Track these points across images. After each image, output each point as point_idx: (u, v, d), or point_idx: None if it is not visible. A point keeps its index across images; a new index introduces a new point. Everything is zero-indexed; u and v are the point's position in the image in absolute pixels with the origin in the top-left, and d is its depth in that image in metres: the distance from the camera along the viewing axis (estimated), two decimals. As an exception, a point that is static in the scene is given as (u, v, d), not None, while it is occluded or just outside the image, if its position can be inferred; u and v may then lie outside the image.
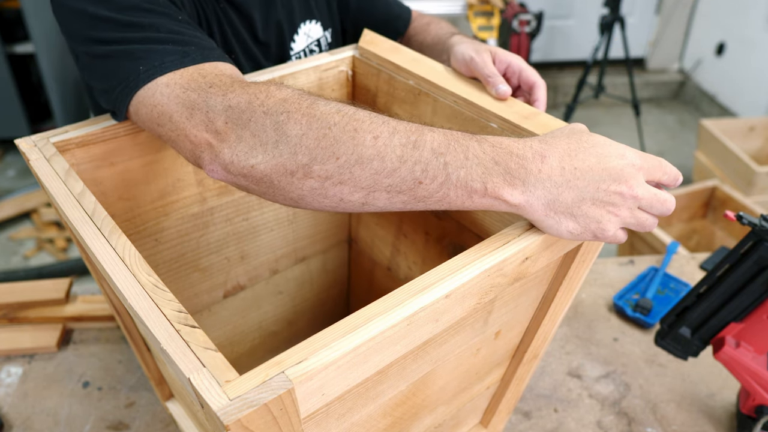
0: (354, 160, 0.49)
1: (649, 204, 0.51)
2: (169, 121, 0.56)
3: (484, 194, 0.49)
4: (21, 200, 2.60)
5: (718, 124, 2.53)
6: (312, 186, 0.50)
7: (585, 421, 0.90)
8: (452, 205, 0.51)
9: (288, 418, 0.40)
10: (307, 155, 0.49)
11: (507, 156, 0.50)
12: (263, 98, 0.52)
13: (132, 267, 0.48)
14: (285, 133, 0.50)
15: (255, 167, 0.51)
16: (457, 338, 0.57)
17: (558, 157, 0.50)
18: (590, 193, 0.50)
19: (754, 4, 3.10)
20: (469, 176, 0.49)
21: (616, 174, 0.50)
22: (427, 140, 0.49)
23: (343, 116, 0.50)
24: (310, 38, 0.89)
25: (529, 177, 0.49)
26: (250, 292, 0.90)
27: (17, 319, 1.01)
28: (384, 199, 0.50)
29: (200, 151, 0.54)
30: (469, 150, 0.49)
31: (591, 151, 0.51)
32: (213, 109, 0.53)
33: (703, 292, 0.78)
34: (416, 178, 0.49)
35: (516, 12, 2.85)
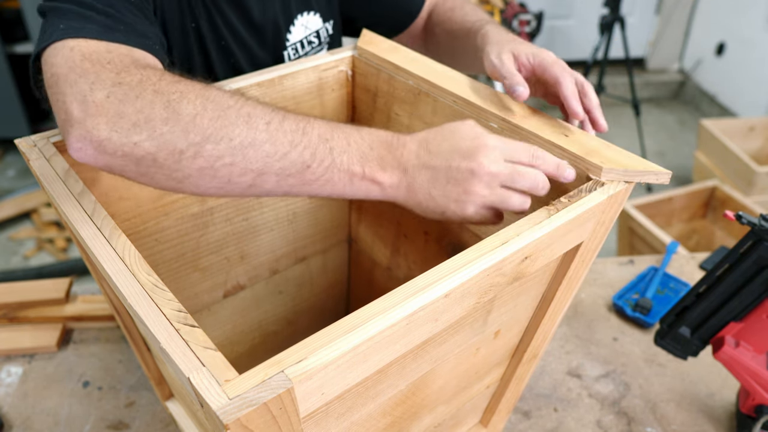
0: (248, 142, 0.50)
1: (510, 179, 0.54)
2: (56, 84, 0.52)
3: (362, 177, 0.54)
4: (21, 200, 2.60)
5: (718, 124, 2.53)
6: (201, 166, 0.50)
7: (585, 421, 0.90)
8: (335, 189, 0.54)
9: (287, 418, 0.40)
10: (200, 134, 0.49)
11: (379, 144, 0.55)
12: (155, 80, 0.51)
13: (132, 267, 0.48)
14: (176, 111, 0.49)
15: (138, 144, 0.48)
16: (456, 338, 0.57)
17: (417, 143, 0.55)
18: (443, 172, 0.54)
19: (754, 4, 3.10)
20: (351, 161, 0.53)
21: (467, 152, 0.54)
22: (315, 127, 0.53)
23: (237, 101, 0.52)
24: (308, 30, 0.88)
25: (394, 162, 0.54)
26: (250, 292, 0.90)
27: (17, 318, 1.01)
28: (273, 182, 0.52)
29: (69, 126, 0.49)
30: (351, 137, 0.54)
31: (447, 135, 0.55)
32: (100, 81, 0.50)
33: (703, 292, 0.78)
34: (305, 161, 0.51)
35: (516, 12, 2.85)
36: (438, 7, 0.96)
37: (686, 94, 3.70)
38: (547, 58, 0.68)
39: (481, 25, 0.82)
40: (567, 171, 0.58)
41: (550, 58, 0.68)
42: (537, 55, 0.68)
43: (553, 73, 0.66)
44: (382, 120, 0.84)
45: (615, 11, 2.78)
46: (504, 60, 0.69)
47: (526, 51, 0.69)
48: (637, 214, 1.90)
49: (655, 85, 3.70)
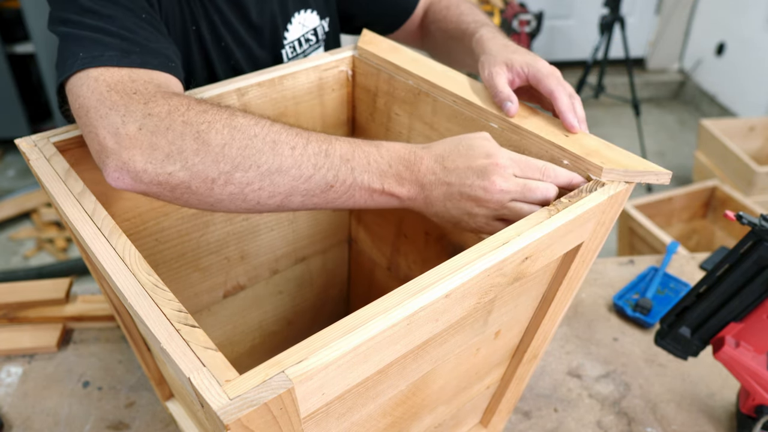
0: (275, 168, 0.53)
1: (521, 194, 0.57)
2: (86, 116, 0.55)
3: (381, 193, 0.58)
4: (21, 200, 2.60)
5: (718, 124, 2.53)
6: (232, 192, 0.53)
7: (585, 421, 0.90)
8: (356, 204, 0.58)
9: (288, 418, 0.40)
10: (229, 163, 0.52)
11: (398, 161, 0.58)
12: (183, 110, 0.53)
13: (132, 267, 0.48)
14: (206, 142, 0.52)
15: (173, 174, 0.52)
16: (456, 338, 0.57)
17: (433, 159, 0.58)
18: (457, 188, 0.57)
19: (754, 4, 3.10)
20: (371, 179, 0.57)
21: (480, 171, 0.57)
22: (337, 148, 0.56)
23: (263, 128, 0.54)
24: (306, 27, 0.89)
25: (411, 177, 0.58)
26: (250, 292, 0.90)
27: (17, 318, 1.01)
28: (298, 202, 0.56)
29: (105, 156, 0.53)
30: (370, 156, 0.57)
31: (462, 151, 0.58)
32: (130, 114, 0.53)
33: (703, 292, 0.78)
34: (328, 182, 0.55)
35: (516, 12, 2.85)
36: (434, 5, 0.96)
37: (686, 94, 3.70)
38: (542, 69, 0.68)
39: (476, 27, 0.82)
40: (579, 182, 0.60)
41: (545, 70, 0.68)
42: (531, 65, 0.69)
43: (548, 87, 0.67)
44: (382, 120, 0.84)
45: (615, 11, 2.78)
46: (494, 74, 0.69)
47: (521, 61, 0.69)
48: (637, 214, 1.90)
49: (655, 85, 3.70)
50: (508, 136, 0.67)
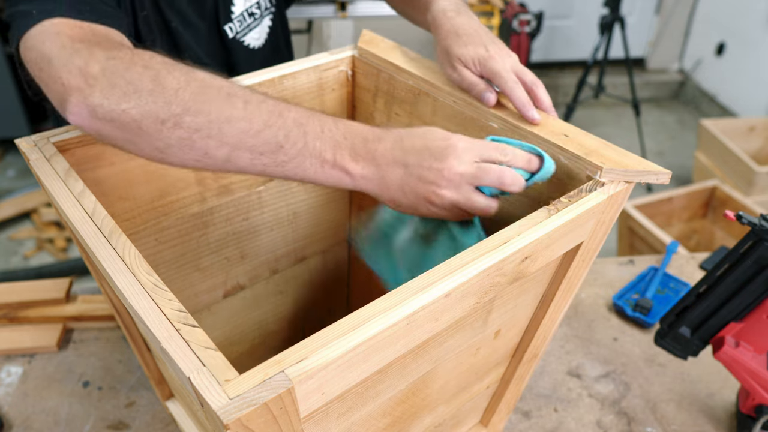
0: (224, 117, 0.53)
1: (475, 177, 0.56)
2: (48, 64, 0.56)
3: (333, 165, 0.56)
4: (21, 200, 2.60)
5: (718, 124, 2.53)
6: (180, 136, 0.53)
7: (585, 421, 0.90)
8: (306, 173, 0.56)
9: (288, 417, 0.40)
10: (180, 106, 0.53)
11: (354, 135, 0.56)
12: (147, 58, 0.55)
13: (132, 266, 0.48)
14: (162, 84, 0.53)
15: (126, 111, 0.52)
16: (456, 337, 0.57)
17: (392, 140, 0.57)
18: (415, 170, 0.56)
19: (754, 4, 3.10)
20: (323, 147, 0.55)
21: (438, 153, 0.56)
22: (292, 111, 0.55)
23: (219, 82, 0.55)
24: (249, 1, 0.89)
25: (367, 155, 0.56)
26: (250, 292, 0.90)
27: (17, 318, 1.01)
28: (246, 158, 0.54)
29: (68, 94, 0.54)
30: (325, 125, 0.56)
31: (420, 135, 0.58)
32: (93, 56, 0.54)
33: (703, 292, 0.78)
34: (278, 142, 0.54)
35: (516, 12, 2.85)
36: None
37: (686, 94, 3.70)
38: (493, 66, 0.67)
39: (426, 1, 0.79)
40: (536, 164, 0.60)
41: (495, 67, 0.67)
42: (483, 64, 0.68)
43: (500, 86, 0.67)
44: (382, 120, 0.84)
45: (615, 11, 2.78)
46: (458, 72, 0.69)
47: (472, 57, 0.69)
48: (637, 214, 1.90)
49: (655, 85, 3.70)
50: (508, 136, 0.67)
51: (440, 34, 0.73)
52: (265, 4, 0.92)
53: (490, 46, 0.69)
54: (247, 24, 0.90)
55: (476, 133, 0.71)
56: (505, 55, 0.69)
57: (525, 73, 0.68)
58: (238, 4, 0.88)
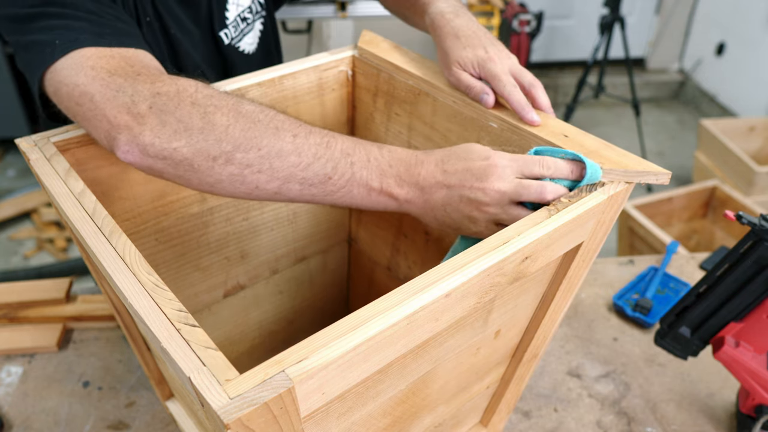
0: (275, 152, 0.54)
1: (516, 194, 0.57)
2: (90, 101, 0.56)
3: (380, 192, 0.58)
4: (21, 200, 2.60)
5: (718, 124, 2.53)
6: (231, 172, 0.54)
7: (585, 421, 0.90)
8: (354, 201, 0.58)
9: (288, 417, 0.40)
10: (231, 143, 0.54)
11: (398, 162, 0.59)
12: (192, 91, 0.55)
13: (132, 266, 0.48)
14: (211, 122, 0.54)
15: (177, 150, 0.53)
16: (456, 337, 0.57)
17: (434, 163, 0.59)
18: (457, 191, 0.58)
19: (754, 4, 3.10)
20: (370, 176, 0.58)
21: (479, 173, 0.57)
22: (339, 142, 0.57)
23: (266, 115, 0.56)
24: (240, 6, 0.90)
25: (411, 180, 0.59)
26: (250, 292, 0.90)
27: (17, 318, 1.01)
28: (296, 190, 0.56)
29: (117, 132, 0.54)
30: (371, 154, 0.58)
31: (461, 157, 0.59)
32: (139, 93, 0.54)
33: (703, 292, 0.78)
34: (327, 173, 0.56)
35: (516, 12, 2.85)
36: None
37: (686, 94, 3.70)
38: (491, 69, 0.68)
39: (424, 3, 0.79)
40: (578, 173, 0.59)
41: (494, 69, 0.67)
42: (482, 66, 0.68)
43: (498, 89, 0.67)
44: (382, 120, 0.84)
45: (615, 11, 2.78)
46: (456, 75, 0.70)
47: (471, 59, 0.69)
48: (637, 214, 1.90)
49: (655, 85, 3.70)
50: (508, 136, 0.67)
51: (439, 37, 0.73)
52: (255, 8, 0.92)
53: (489, 47, 0.69)
54: (241, 29, 0.90)
55: (476, 133, 0.71)
56: (504, 57, 0.69)
57: (524, 74, 0.68)
58: (231, 10, 0.88)
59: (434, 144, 0.78)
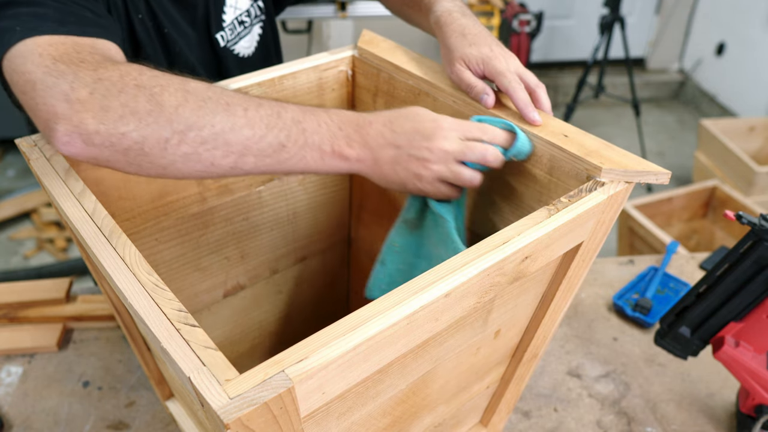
0: (228, 127, 0.54)
1: (462, 153, 0.61)
2: (32, 90, 0.53)
3: (332, 154, 0.59)
4: (21, 200, 2.60)
5: (718, 124, 2.53)
6: (186, 152, 0.53)
7: (585, 421, 0.90)
8: (307, 166, 0.58)
9: (288, 417, 0.40)
10: (183, 123, 0.53)
11: (347, 123, 0.60)
12: (136, 74, 0.54)
13: (132, 266, 0.48)
14: (160, 103, 0.52)
15: (126, 135, 0.51)
16: (456, 337, 0.57)
17: (381, 123, 0.61)
18: (406, 150, 0.60)
19: (754, 4, 3.10)
20: (322, 140, 0.58)
21: (427, 133, 0.60)
22: (288, 110, 0.58)
23: (215, 92, 0.55)
24: (238, 10, 0.90)
25: (361, 140, 0.60)
26: (250, 292, 0.90)
27: (17, 318, 1.01)
28: (251, 163, 0.56)
29: (54, 122, 0.52)
30: (321, 118, 0.59)
31: (409, 117, 0.61)
32: (80, 80, 0.52)
33: (703, 292, 0.78)
34: (281, 142, 0.56)
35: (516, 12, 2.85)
36: None
37: (686, 94, 3.70)
38: (496, 66, 0.68)
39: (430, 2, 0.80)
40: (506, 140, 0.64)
41: (499, 66, 0.68)
42: (486, 63, 0.69)
43: (502, 84, 0.68)
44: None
45: (615, 11, 2.78)
46: (458, 72, 0.70)
47: (476, 56, 0.69)
48: (637, 214, 1.90)
49: (655, 85, 3.70)
50: (508, 136, 0.67)
51: (445, 34, 0.74)
52: (254, 12, 0.92)
53: (495, 47, 0.70)
54: (238, 32, 0.90)
55: (476, 133, 0.71)
56: (508, 57, 0.70)
57: (528, 75, 0.69)
58: (228, 13, 0.88)
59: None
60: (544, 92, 0.68)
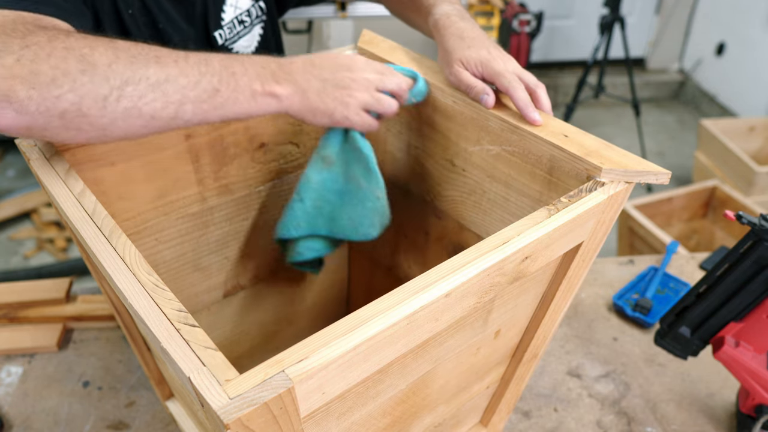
0: (163, 78, 0.55)
1: (381, 82, 0.66)
2: None
3: (262, 93, 0.61)
4: (21, 200, 2.60)
5: (718, 124, 2.53)
6: (126, 107, 0.53)
7: (585, 421, 0.90)
8: (241, 108, 0.60)
9: (288, 417, 0.40)
10: (119, 79, 0.53)
11: (269, 63, 0.63)
12: (63, 38, 0.53)
13: (132, 266, 0.48)
14: (92, 63, 0.52)
15: (61, 97, 0.50)
16: (456, 337, 0.57)
17: (302, 61, 0.65)
18: (331, 81, 0.64)
19: (754, 4, 3.10)
20: (251, 81, 0.60)
21: (347, 65, 0.66)
22: (214, 58, 0.59)
23: (143, 48, 0.56)
24: (239, 9, 0.90)
25: (287, 76, 0.63)
26: (250, 292, 0.90)
27: (17, 318, 1.01)
28: (190, 111, 0.57)
29: None
30: (245, 62, 0.61)
31: (326, 56, 0.66)
32: (7, 49, 0.50)
33: (703, 292, 0.78)
34: (214, 86, 0.58)
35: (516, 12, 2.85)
36: None
37: (686, 94, 3.70)
38: (495, 67, 0.69)
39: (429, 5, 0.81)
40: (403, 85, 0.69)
41: (498, 68, 0.69)
42: (485, 65, 0.69)
43: (502, 85, 0.68)
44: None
45: (615, 11, 2.78)
46: (456, 74, 0.71)
47: (475, 59, 0.70)
48: (637, 214, 1.90)
49: (655, 85, 3.70)
50: (508, 136, 0.67)
51: (443, 36, 0.74)
52: (256, 12, 0.92)
53: (492, 50, 0.71)
54: (237, 32, 0.90)
55: (476, 133, 0.71)
56: (506, 59, 0.71)
57: (527, 75, 0.69)
58: (228, 11, 0.88)
59: (434, 143, 0.78)
60: (544, 92, 0.69)
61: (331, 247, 0.81)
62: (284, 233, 0.77)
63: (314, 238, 0.79)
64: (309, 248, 0.79)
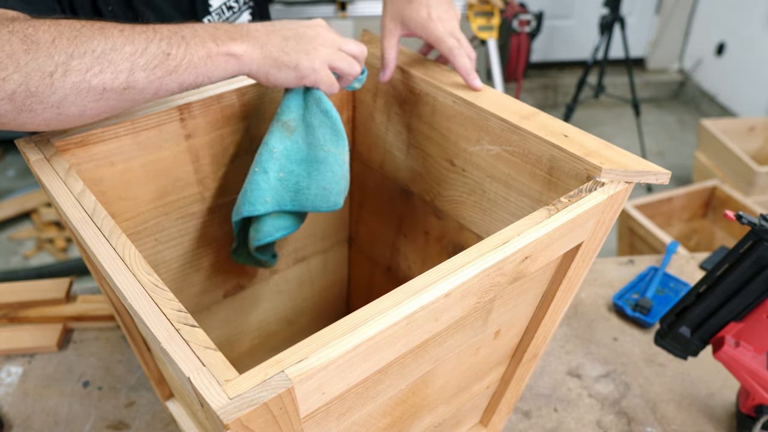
0: (109, 48, 0.54)
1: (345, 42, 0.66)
2: None
3: (218, 53, 0.59)
4: (21, 200, 2.60)
5: (718, 124, 2.53)
6: (74, 81, 0.52)
7: (585, 421, 0.90)
8: (197, 70, 0.58)
9: (288, 417, 0.40)
10: (63, 54, 0.52)
11: (221, 25, 0.61)
12: (7, 23, 0.53)
13: (132, 266, 0.48)
14: (35, 41, 0.51)
15: (7, 79, 0.50)
16: (456, 337, 0.57)
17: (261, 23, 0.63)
18: (293, 34, 0.63)
19: (754, 4, 3.10)
20: (204, 41, 0.58)
21: (308, 24, 0.65)
22: (162, 26, 0.58)
23: (86, 22, 0.55)
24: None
25: (245, 35, 0.61)
26: (250, 292, 0.90)
27: (17, 318, 1.01)
28: (143, 78, 0.55)
29: None
30: (195, 26, 0.59)
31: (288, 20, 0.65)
32: None
33: (703, 292, 0.78)
34: (164, 50, 0.56)
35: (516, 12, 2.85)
36: None
37: (686, 94, 3.70)
38: (434, 32, 0.71)
39: None
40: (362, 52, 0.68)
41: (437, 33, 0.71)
42: (425, 29, 0.71)
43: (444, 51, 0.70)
44: (382, 120, 0.84)
45: (615, 11, 2.78)
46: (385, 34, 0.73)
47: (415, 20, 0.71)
48: (637, 214, 1.90)
49: (655, 85, 3.70)
50: (508, 136, 0.67)
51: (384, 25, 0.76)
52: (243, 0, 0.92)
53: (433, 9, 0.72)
54: (226, 18, 0.90)
55: (476, 133, 0.71)
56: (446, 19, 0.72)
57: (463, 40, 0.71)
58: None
59: (434, 143, 0.78)
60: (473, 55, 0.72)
61: (298, 224, 0.75)
62: (250, 210, 0.69)
63: (280, 215, 0.72)
64: (276, 227, 0.72)
